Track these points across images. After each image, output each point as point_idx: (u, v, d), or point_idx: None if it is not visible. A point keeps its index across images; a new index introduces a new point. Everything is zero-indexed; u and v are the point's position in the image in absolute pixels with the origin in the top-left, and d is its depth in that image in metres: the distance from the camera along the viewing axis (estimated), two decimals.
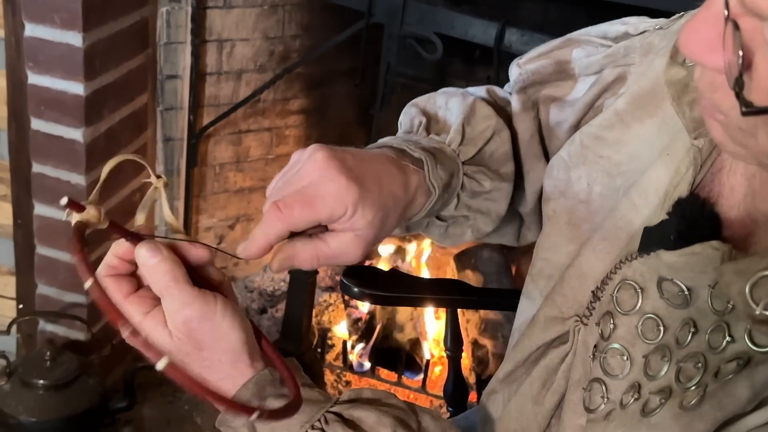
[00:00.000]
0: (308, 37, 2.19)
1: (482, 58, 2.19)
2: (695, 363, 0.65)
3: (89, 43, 1.68)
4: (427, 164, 0.80)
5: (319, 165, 0.71)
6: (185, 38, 1.99)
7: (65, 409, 1.72)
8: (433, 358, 2.18)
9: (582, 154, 0.80)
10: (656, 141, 0.74)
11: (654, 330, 0.68)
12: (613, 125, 0.78)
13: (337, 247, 0.73)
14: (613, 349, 0.70)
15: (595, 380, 0.71)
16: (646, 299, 0.69)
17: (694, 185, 0.70)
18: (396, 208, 0.77)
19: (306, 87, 2.27)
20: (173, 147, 2.10)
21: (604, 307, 0.72)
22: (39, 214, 1.86)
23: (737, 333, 0.63)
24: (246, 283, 2.41)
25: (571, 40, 0.89)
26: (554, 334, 0.78)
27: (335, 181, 0.71)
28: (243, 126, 2.20)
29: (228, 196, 2.27)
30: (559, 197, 0.83)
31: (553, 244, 0.83)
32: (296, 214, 0.70)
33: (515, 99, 0.91)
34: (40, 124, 1.76)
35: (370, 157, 0.76)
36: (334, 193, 0.71)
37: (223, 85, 2.11)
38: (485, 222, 0.90)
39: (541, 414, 0.78)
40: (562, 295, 0.78)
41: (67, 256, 1.87)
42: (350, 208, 0.71)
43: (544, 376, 0.78)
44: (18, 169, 1.82)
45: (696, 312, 0.66)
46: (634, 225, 0.73)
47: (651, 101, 0.75)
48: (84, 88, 1.70)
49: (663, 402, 0.66)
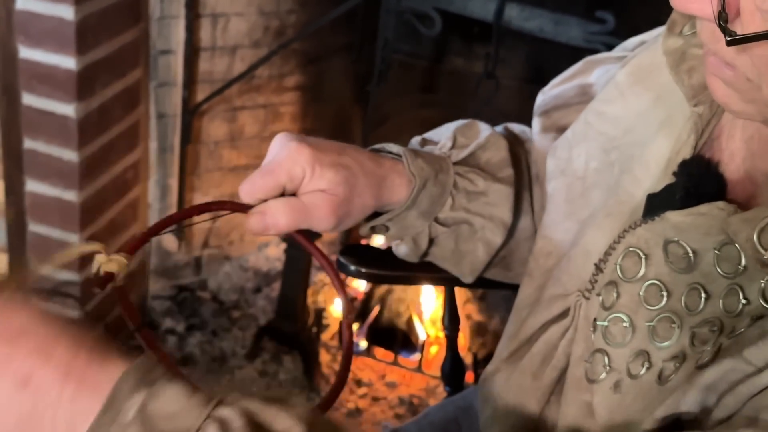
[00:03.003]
0: (304, 12, 2.16)
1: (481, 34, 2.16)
2: (711, 327, 0.65)
3: (81, 17, 1.65)
4: (405, 156, 0.83)
5: (277, 142, 0.79)
6: (179, 12, 1.96)
7: None
8: (430, 338, 2.17)
9: (584, 131, 0.82)
10: (652, 115, 0.76)
11: (657, 296, 0.68)
12: (614, 99, 0.79)
13: (308, 200, 0.77)
14: (616, 318, 0.71)
15: (597, 351, 0.72)
16: (649, 265, 0.69)
17: (695, 151, 0.71)
18: (365, 174, 0.80)
19: (302, 63, 2.24)
20: (167, 123, 2.08)
21: (607, 277, 0.73)
22: (30, 190, 1.84)
23: (751, 294, 0.63)
24: (241, 263, 2.40)
25: (591, 62, 0.91)
26: (557, 311, 0.78)
27: (288, 147, 0.77)
28: (238, 103, 2.17)
29: (222, 173, 2.25)
30: (559, 175, 0.84)
31: (552, 221, 0.84)
32: (258, 183, 0.77)
33: (536, 121, 0.93)
34: (31, 99, 1.73)
35: (338, 143, 0.81)
36: (289, 157, 0.77)
37: (217, 61, 2.09)
38: (493, 232, 0.89)
39: (540, 390, 0.78)
40: (568, 273, 0.78)
41: (59, 233, 1.85)
42: (307, 168, 0.76)
43: (544, 351, 0.78)
44: (9, 145, 1.80)
45: (702, 277, 0.66)
46: (636, 198, 0.74)
47: (648, 75, 0.77)
48: (76, 62, 1.67)
49: (678, 366, 0.66)
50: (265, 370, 2.16)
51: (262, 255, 2.42)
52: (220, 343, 2.21)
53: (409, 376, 2.14)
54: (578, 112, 0.88)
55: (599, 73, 0.89)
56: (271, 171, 0.77)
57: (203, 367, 2.15)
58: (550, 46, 1.73)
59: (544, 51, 1.98)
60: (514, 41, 2.03)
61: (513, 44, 2.06)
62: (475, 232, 0.89)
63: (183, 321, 2.24)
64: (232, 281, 2.36)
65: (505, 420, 0.82)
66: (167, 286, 2.30)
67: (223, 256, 2.36)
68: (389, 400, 2.10)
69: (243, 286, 2.36)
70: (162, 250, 2.24)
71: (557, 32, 1.72)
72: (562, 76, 0.94)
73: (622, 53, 0.89)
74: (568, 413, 0.74)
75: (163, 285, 2.29)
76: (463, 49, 2.27)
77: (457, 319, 1.27)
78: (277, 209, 0.77)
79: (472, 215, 0.88)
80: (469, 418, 1.06)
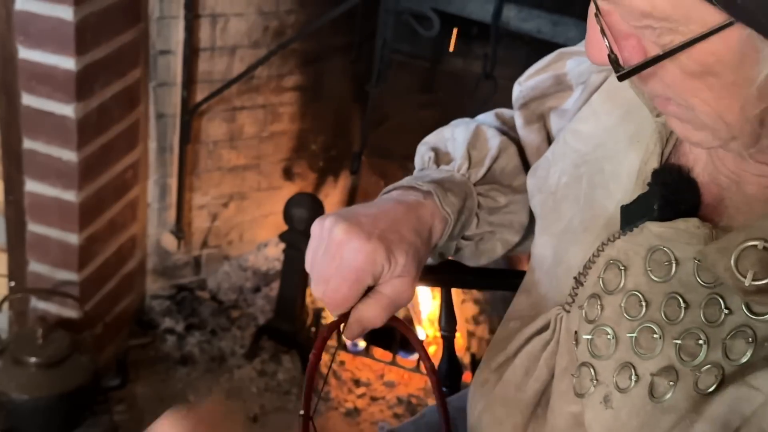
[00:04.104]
0: (303, 12, 2.16)
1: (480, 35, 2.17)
2: (696, 339, 0.65)
3: (80, 17, 1.65)
4: (437, 195, 0.85)
5: (341, 240, 0.78)
6: (178, 12, 1.96)
7: (57, 387, 1.72)
8: (428, 338, 2.18)
9: (562, 151, 0.85)
10: (620, 129, 0.78)
11: (636, 306, 0.69)
12: (588, 118, 0.82)
13: (392, 292, 0.80)
14: (600, 331, 0.72)
15: (583, 365, 0.73)
16: (629, 276, 0.71)
17: (662, 159, 0.73)
18: (422, 240, 0.83)
19: (301, 63, 2.24)
20: (166, 123, 2.08)
21: (590, 290, 0.74)
22: (30, 190, 1.84)
23: (733, 304, 0.64)
24: (240, 262, 2.40)
25: (564, 54, 0.94)
26: (540, 324, 0.80)
27: (362, 250, 0.77)
28: (237, 103, 2.18)
29: (222, 173, 2.25)
30: (537, 193, 0.88)
31: (535, 238, 0.88)
32: (347, 293, 0.78)
33: (518, 115, 0.96)
34: (30, 99, 1.74)
35: (379, 209, 0.83)
36: (367, 260, 0.78)
37: (216, 61, 2.09)
38: (511, 233, 0.95)
39: (524, 401, 0.79)
40: (550, 287, 0.80)
41: (58, 233, 1.86)
42: (385, 263, 0.78)
43: (527, 363, 0.80)
44: (8, 145, 1.80)
45: (680, 285, 0.67)
46: (609, 210, 0.76)
47: (617, 92, 0.79)
48: (75, 62, 1.67)
49: (672, 384, 0.66)
50: (263, 370, 2.16)
51: (261, 255, 2.42)
52: (219, 343, 2.22)
53: (408, 376, 2.15)
54: (554, 100, 0.92)
55: (572, 65, 0.91)
56: (357, 280, 0.78)
57: (202, 366, 2.15)
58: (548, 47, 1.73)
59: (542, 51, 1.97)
60: (512, 42, 2.04)
61: (511, 45, 2.06)
62: (494, 235, 0.95)
63: (182, 320, 2.25)
64: (231, 281, 2.37)
65: (491, 430, 0.83)
66: (166, 286, 2.30)
67: (222, 256, 2.37)
68: (387, 399, 2.10)
69: (242, 285, 2.37)
70: (161, 250, 2.24)
71: (555, 33, 1.73)
72: (535, 66, 0.96)
73: None
74: (556, 426, 0.75)
75: (162, 284, 2.29)
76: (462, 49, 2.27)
77: (453, 319, 1.27)
78: (371, 313, 0.80)
79: (495, 226, 0.94)
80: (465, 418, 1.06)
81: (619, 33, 0.59)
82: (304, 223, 2.03)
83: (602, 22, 0.59)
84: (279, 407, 2.07)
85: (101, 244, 1.96)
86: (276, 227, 2.25)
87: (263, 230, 2.41)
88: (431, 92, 2.37)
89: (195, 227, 2.27)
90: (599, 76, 0.85)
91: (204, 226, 2.28)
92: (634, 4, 0.55)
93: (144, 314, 2.25)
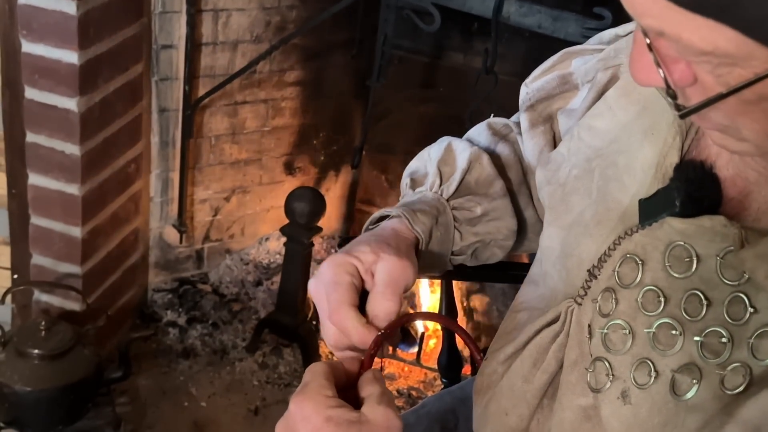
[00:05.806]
0: (305, 7, 2.17)
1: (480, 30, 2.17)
2: (719, 337, 0.65)
3: (83, 11, 1.66)
4: (406, 217, 0.88)
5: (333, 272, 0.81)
6: (180, 7, 1.97)
7: (60, 379, 1.73)
8: (428, 331, 2.19)
9: (577, 146, 0.84)
10: (635, 124, 0.77)
11: (654, 302, 0.68)
12: (603, 113, 0.82)
13: (381, 276, 0.81)
14: (615, 325, 0.71)
15: (598, 359, 0.72)
16: (646, 271, 0.70)
17: (682, 153, 0.72)
18: (389, 238, 0.85)
19: (302, 58, 2.25)
20: (168, 118, 2.09)
21: (603, 284, 0.73)
22: (33, 183, 1.85)
23: (759, 303, 0.63)
24: (241, 256, 2.41)
25: (569, 53, 0.94)
26: (550, 316, 0.79)
27: (328, 267, 0.81)
28: (239, 97, 2.18)
29: (223, 168, 2.26)
30: (545, 185, 0.87)
31: (543, 229, 0.87)
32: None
33: (524, 117, 0.96)
34: (34, 93, 1.74)
35: (358, 242, 0.84)
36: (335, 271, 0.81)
37: (218, 56, 2.10)
38: (503, 239, 0.96)
39: (531, 393, 0.79)
40: (560, 280, 0.80)
41: (61, 226, 1.87)
42: (352, 260, 0.80)
43: (535, 355, 0.79)
44: (12, 139, 1.81)
45: (702, 282, 0.66)
46: (624, 204, 0.75)
47: (634, 89, 0.79)
48: (78, 56, 1.68)
49: (696, 382, 0.65)
50: (265, 363, 2.17)
51: (262, 248, 2.43)
52: (221, 336, 2.23)
53: (408, 369, 2.16)
54: (561, 100, 0.92)
55: (578, 64, 0.92)
56: (339, 299, 0.80)
57: (204, 359, 2.16)
58: (549, 42, 1.74)
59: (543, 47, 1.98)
60: (512, 37, 2.04)
61: (512, 40, 2.07)
62: (488, 244, 0.96)
63: (184, 313, 2.26)
64: (233, 274, 2.38)
65: (497, 420, 0.83)
66: (168, 279, 2.31)
67: (224, 250, 2.38)
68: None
69: (243, 279, 2.38)
70: (163, 243, 2.25)
71: (555, 28, 1.73)
72: (542, 67, 0.96)
73: (598, 45, 0.91)
74: (565, 418, 0.74)
75: (165, 278, 2.30)
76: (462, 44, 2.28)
77: (454, 312, 1.28)
78: (379, 305, 0.81)
79: (482, 235, 0.94)
80: (466, 409, 1.06)
81: (668, 57, 0.57)
82: (305, 217, 2.04)
83: (656, 54, 0.57)
84: (280, 400, 2.08)
85: (104, 238, 1.97)
86: (277, 221, 2.26)
87: (265, 224, 2.42)
88: (432, 87, 2.38)
89: (197, 221, 2.28)
90: (606, 73, 0.85)
91: (206, 219, 2.29)
92: (694, 44, 0.53)
93: (146, 307, 2.26)
